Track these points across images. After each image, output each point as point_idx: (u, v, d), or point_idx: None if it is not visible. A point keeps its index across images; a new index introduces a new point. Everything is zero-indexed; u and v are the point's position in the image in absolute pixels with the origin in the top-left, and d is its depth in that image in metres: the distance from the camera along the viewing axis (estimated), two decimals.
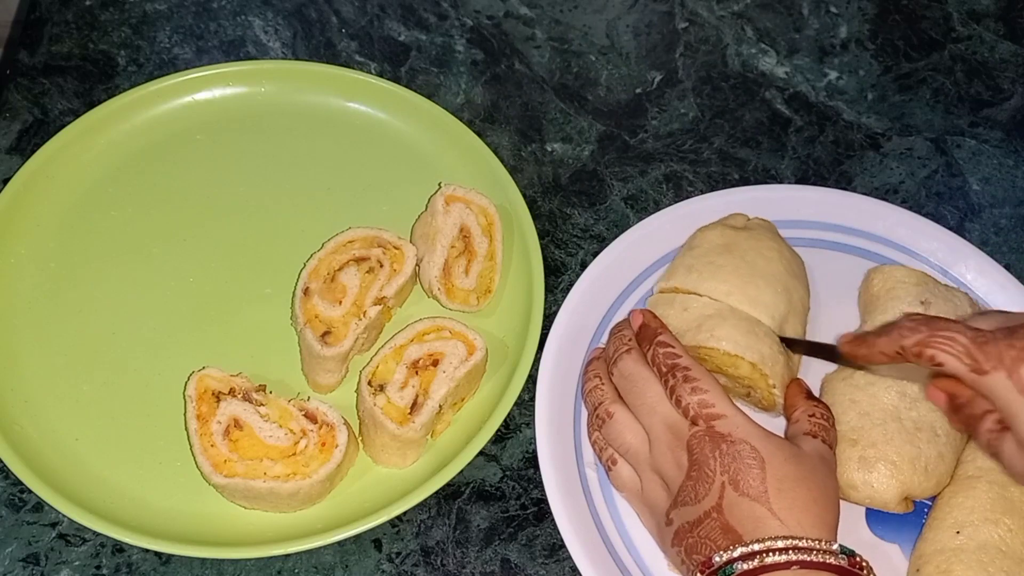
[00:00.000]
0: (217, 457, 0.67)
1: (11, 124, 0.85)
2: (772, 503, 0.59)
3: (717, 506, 0.60)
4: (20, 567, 0.68)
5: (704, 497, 0.61)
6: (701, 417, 0.63)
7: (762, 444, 0.61)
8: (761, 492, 0.60)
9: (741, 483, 0.60)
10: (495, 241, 0.78)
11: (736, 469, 0.60)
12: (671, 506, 0.63)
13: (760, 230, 0.76)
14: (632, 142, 0.88)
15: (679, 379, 0.64)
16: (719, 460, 0.61)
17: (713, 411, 0.63)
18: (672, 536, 0.62)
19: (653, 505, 0.65)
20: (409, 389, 0.70)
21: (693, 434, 0.62)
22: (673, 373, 0.65)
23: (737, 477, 0.60)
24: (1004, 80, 0.93)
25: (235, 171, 0.84)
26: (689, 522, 0.61)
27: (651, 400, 0.65)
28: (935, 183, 0.87)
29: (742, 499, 0.60)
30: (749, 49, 0.93)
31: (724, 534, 0.59)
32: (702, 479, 0.61)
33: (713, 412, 0.63)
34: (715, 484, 0.60)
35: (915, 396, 0.70)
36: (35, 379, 0.74)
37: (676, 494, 0.62)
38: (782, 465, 0.61)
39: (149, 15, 0.92)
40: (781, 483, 0.60)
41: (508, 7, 0.95)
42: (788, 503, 0.59)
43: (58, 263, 0.79)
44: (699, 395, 0.63)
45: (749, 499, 0.60)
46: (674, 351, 0.66)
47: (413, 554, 0.69)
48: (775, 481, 0.60)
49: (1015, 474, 0.59)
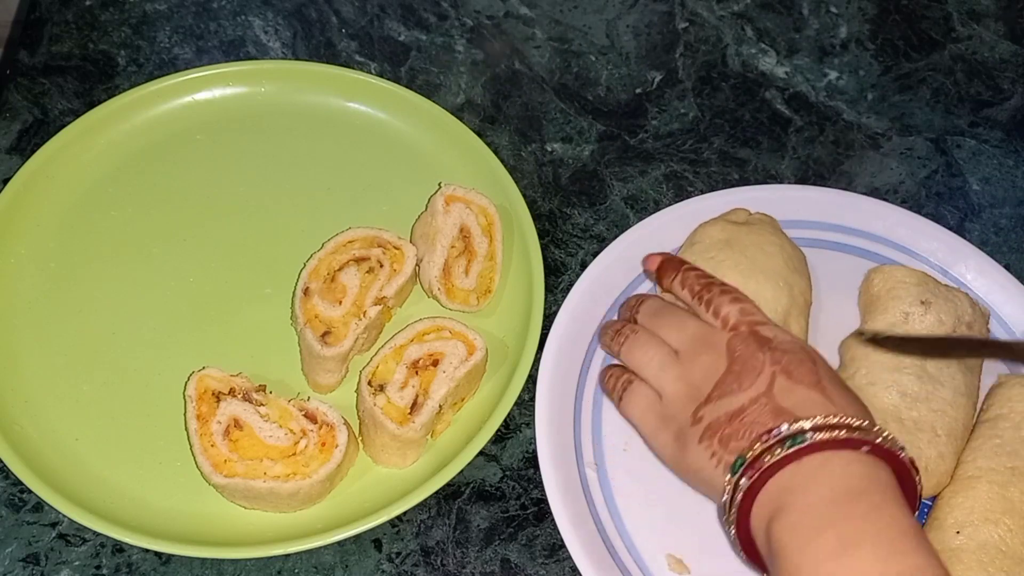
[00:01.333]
0: (217, 457, 0.67)
1: (11, 124, 0.85)
2: (828, 392, 0.58)
3: (767, 391, 0.59)
4: (20, 567, 0.68)
5: (750, 386, 0.59)
6: (744, 323, 0.62)
7: (807, 346, 0.62)
8: (815, 382, 0.59)
9: (794, 373, 0.59)
10: (495, 241, 0.78)
11: (788, 361, 0.60)
12: (702, 404, 0.61)
13: (761, 225, 0.76)
14: (632, 142, 0.88)
15: (716, 292, 0.64)
16: (768, 354, 0.60)
17: (756, 318, 0.63)
18: (700, 433, 0.60)
19: (676, 411, 0.63)
20: (409, 389, 0.70)
21: (734, 335, 0.62)
22: (709, 288, 0.65)
23: (790, 368, 0.59)
24: (1004, 80, 0.93)
25: (235, 171, 0.84)
26: (728, 412, 0.59)
27: (680, 318, 0.65)
28: (935, 183, 0.87)
29: (797, 386, 0.58)
30: (749, 49, 0.93)
31: (775, 416, 0.57)
32: (747, 371, 0.60)
33: (756, 319, 0.63)
34: (764, 373, 0.59)
35: (915, 396, 0.70)
36: (35, 379, 0.74)
37: (712, 391, 0.61)
38: (829, 367, 0.61)
39: (149, 15, 0.92)
40: (833, 379, 0.60)
41: (508, 7, 0.95)
42: (846, 397, 0.59)
43: (58, 263, 0.79)
44: (740, 303, 0.63)
45: (805, 386, 0.58)
46: (703, 273, 0.67)
47: (413, 554, 0.69)
48: (827, 376, 0.59)
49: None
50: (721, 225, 0.77)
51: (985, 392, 0.74)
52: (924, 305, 0.73)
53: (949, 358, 0.71)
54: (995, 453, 0.68)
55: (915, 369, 0.71)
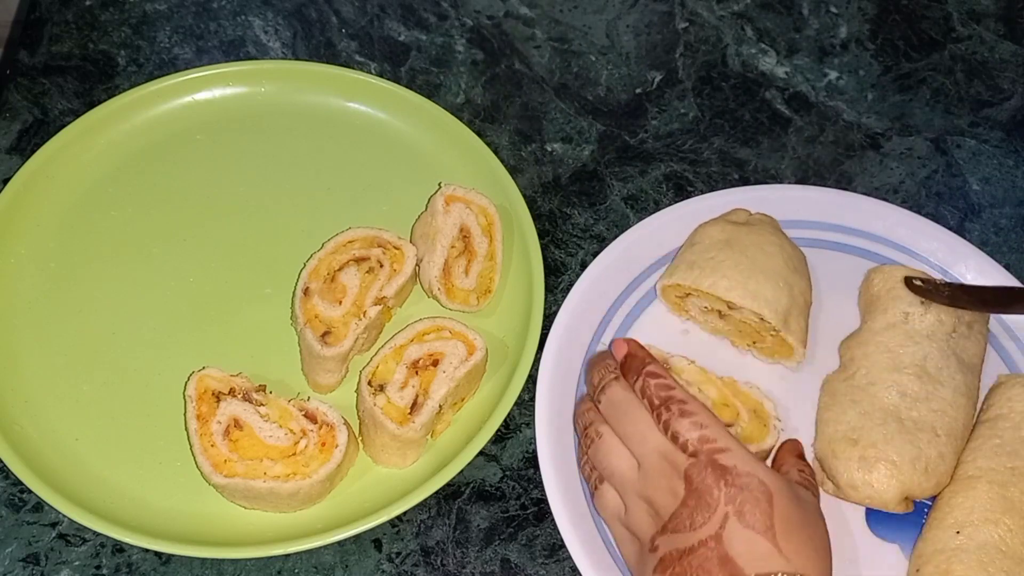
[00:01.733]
0: (217, 457, 0.67)
1: (11, 124, 0.85)
2: (779, 541, 0.57)
3: (716, 536, 0.57)
4: (20, 567, 0.68)
5: (702, 525, 0.58)
6: (702, 452, 0.60)
7: (769, 479, 0.59)
8: (767, 527, 0.57)
9: (747, 515, 0.57)
10: (495, 241, 0.78)
11: (743, 500, 0.58)
12: (659, 532, 0.60)
13: (762, 225, 0.77)
14: (632, 142, 0.88)
15: (675, 412, 0.61)
16: (724, 491, 0.58)
17: (716, 446, 0.60)
18: (656, 563, 0.59)
19: (637, 530, 0.62)
20: (409, 389, 0.70)
21: (693, 463, 0.60)
22: (667, 406, 0.62)
23: (743, 508, 0.57)
24: (1004, 80, 0.93)
25: (235, 171, 0.84)
26: (679, 549, 0.58)
27: (642, 428, 0.63)
28: (935, 183, 0.87)
29: (746, 531, 0.57)
30: (749, 49, 0.93)
31: (721, 565, 0.56)
32: (702, 507, 0.58)
33: (716, 447, 0.60)
34: (717, 514, 0.58)
35: (915, 396, 0.70)
36: (35, 379, 0.74)
37: (668, 520, 0.60)
38: (788, 504, 0.58)
39: (149, 15, 0.92)
40: (788, 523, 0.58)
41: (508, 7, 0.95)
42: (796, 545, 0.57)
43: (58, 263, 0.79)
44: (700, 431, 0.60)
45: (754, 532, 0.57)
46: (666, 382, 0.64)
47: (413, 554, 0.69)
48: (782, 520, 0.57)
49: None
50: (721, 225, 0.77)
51: (985, 392, 0.74)
52: (924, 305, 0.73)
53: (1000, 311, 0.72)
54: (995, 453, 0.68)
55: (915, 369, 0.71)
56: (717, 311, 0.75)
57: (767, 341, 0.74)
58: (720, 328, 0.76)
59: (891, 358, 0.71)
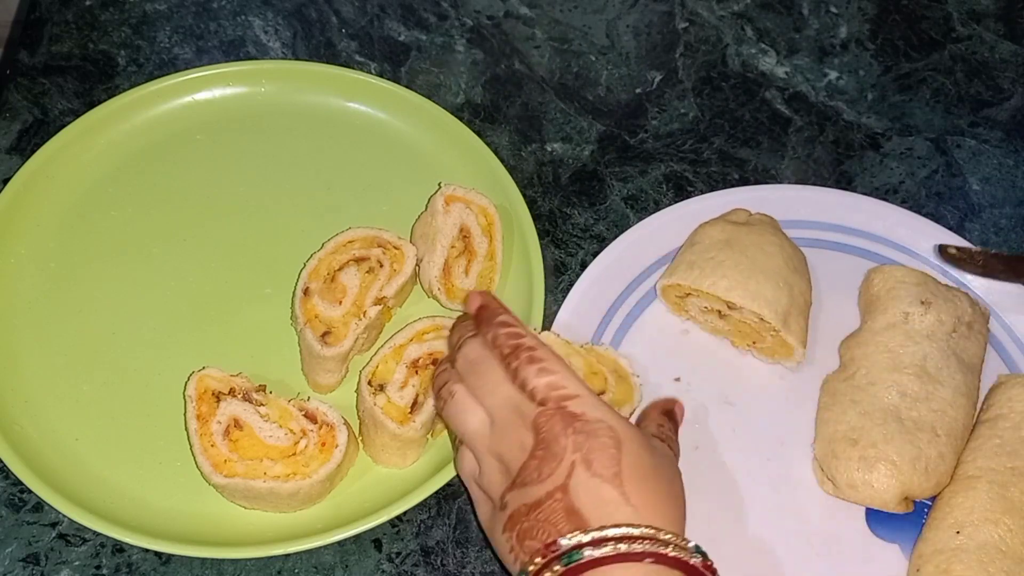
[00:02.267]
0: (217, 457, 0.67)
1: (11, 124, 0.85)
2: (626, 488, 0.54)
3: (563, 486, 0.54)
4: (20, 567, 0.68)
5: (549, 476, 0.55)
6: (551, 399, 0.57)
7: (620, 426, 0.56)
8: (615, 474, 0.54)
9: (594, 462, 0.55)
10: (495, 241, 0.78)
11: (590, 448, 0.55)
12: (508, 488, 0.57)
13: (762, 225, 0.77)
14: (632, 142, 0.88)
15: (523, 360, 0.58)
16: (571, 438, 0.55)
17: (564, 392, 0.57)
18: (505, 520, 0.56)
19: (489, 489, 0.59)
20: (409, 388, 0.70)
21: (541, 412, 0.57)
22: (516, 354, 0.59)
23: (590, 456, 0.55)
24: (1004, 80, 0.93)
25: (235, 171, 0.84)
26: (527, 504, 0.55)
27: (493, 380, 0.59)
28: (935, 183, 0.87)
29: (593, 480, 0.54)
30: (749, 49, 0.93)
31: (567, 517, 0.54)
32: (549, 458, 0.55)
33: (565, 393, 0.57)
34: (564, 463, 0.55)
35: (915, 396, 0.70)
36: (35, 379, 0.74)
37: (516, 474, 0.57)
38: (638, 451, 0.56)
39: (149, 15, 0.92)
40: (636, 469, 0.55)
41: (508, 7, 0.95)
42: (644, 495, 0.55)
43: (58, 263, 0.79)
44: (547, 376, 0.57)
45: (601, 480, 0.54)
46: (516, 331, 0.60)
47: (413, 554, 0.69)
48: (630, 467, 0.55)
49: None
50: (721, 225, 0.77)
51: (985, 392, 0.74)
52: (924, 305, 0.73)
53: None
54: (995, 453, 0.69)
55: (915, 369, 0.71)
56: (717, 311, 0.75)
57: (767, 341, 0.74)
58: (720, 328, 0.76)
59: (891, 358, 0.71)
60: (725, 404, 0.74)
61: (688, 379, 0.75)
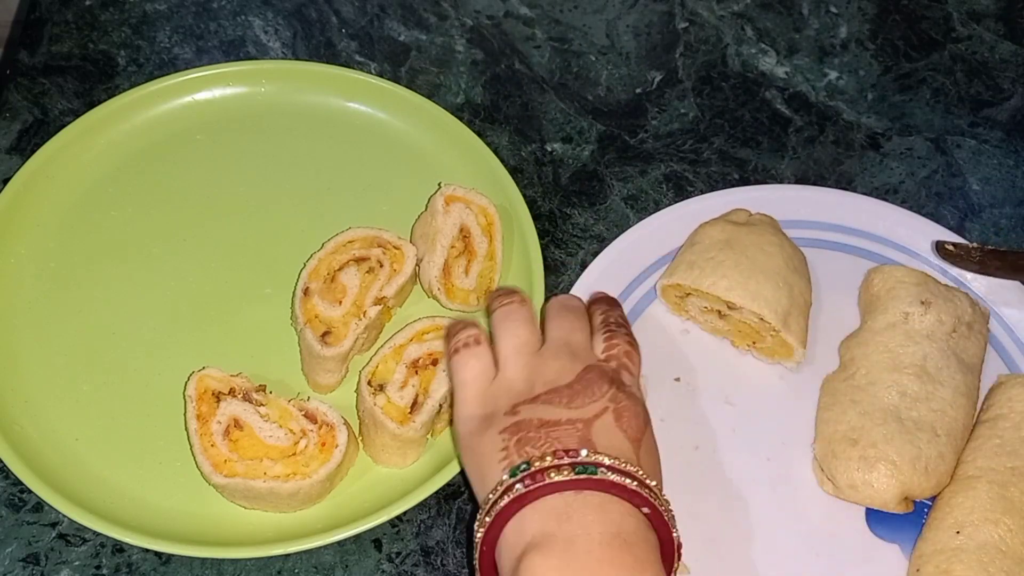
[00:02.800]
0: (217, 457, 0.67)
1: (11, 124, 0.85)
2: (640, 453, 0.58)
3: (588, 421, 0.57)
4: (20, 567, 0.68)
5: (578, 408, 0.58)
6: (616, 361, 0.62)
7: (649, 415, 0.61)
8: (636, 438, 0.58)
9: (624, 419, 0.58)
10: (495, 241, 0.78)
11: (625, 407, 0.59)
12: (528, 400, 0.59)
13: (762, 226, 0.77)
14: (632, 142, 0.88)
15: (623, 332, 0.64)
16: (612, 391, 0.59)
17: (630, 367, 0.62)
18: (507, 425, 0.58)
19: (500, 394, 0.61)
20: (409, 388, 0.70)
21: (601, 364, 0.61)
22: (621, 326, 0.65)
23: (623, 413, 0.58)
24: (1004, 80, 0.93)
25: (235, 171, 0.84)
26: (543, 420, 0.57)
27: (573, 323, 0.64)
28: (935, 183, 0.87)
29: (617, 431, 0.57)
30: (749, 49, 0.93)
31: (581, 444, 0.56)
32: (586, 393, 0.59)
33: (629, 367, 0.62)
34: (597, 404, 0.58)
35: (915, 396, 0.70)
36: (35, 379, 0.74)
37: (543, 392, 0.59)
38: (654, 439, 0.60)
39: (149, 15, 0.92)
40: (650, 447, 0.59)
41: (508, 7, 0.95)
42: (655, 465, 0.59)
43: (58, 263, 0.79)
44: (633, 351, 0.63)
45: (624, 435, 0.57)
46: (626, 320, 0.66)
47: (413, 554, 0.69)
48: (648, 441, 0.59)
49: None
50: (721, 225, 0.77)
51: (985, 392, 0.74)
52: (924, 305, 0.73)
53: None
54: (995, 453, 0.69)
55: (915, 369, 0.71)
56: (717, 311, 0.75)
57: (767, 341, 0.74)
58: (720, 328, 0.76)
59: (891, 358, 0.71)
60: (725, 404, 0.74)
61: (688, 379, 0.75)
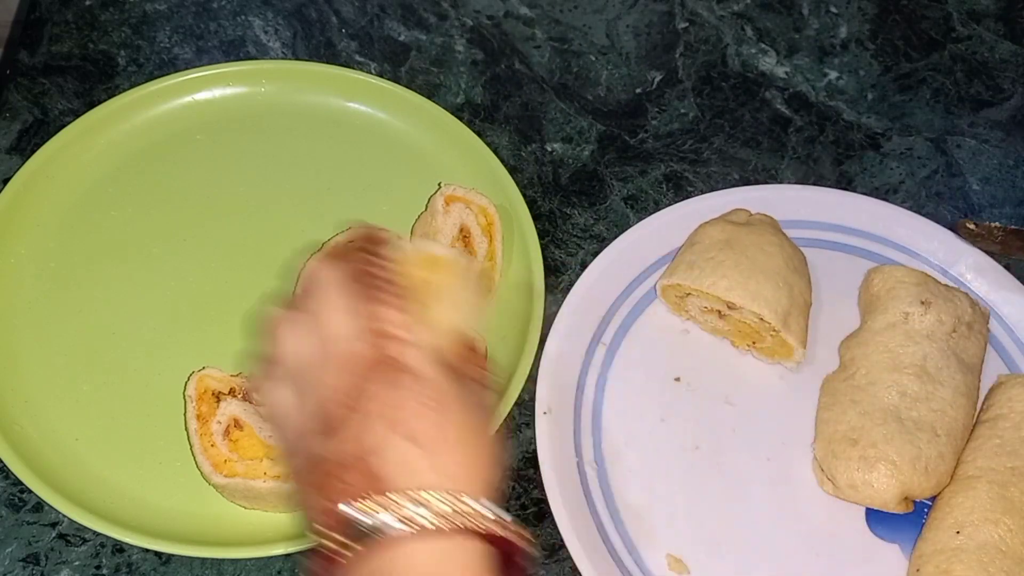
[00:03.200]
0: (217, 457, 0.67)
1: (11, 124, 0.85)
2: (444, 452, 0.49)
3: (372, 448, 0.48)
4: (20, 567, 0.68)
5: (355, 433, 0.49)
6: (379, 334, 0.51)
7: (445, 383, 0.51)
8: (433, 437, 0.49)
9: (408, 424, 0.49)
10: (495, 241, 0.78)
11: (405, 407, 0.49)
12: (313, 432, 0.51)
13: (762, 226, 0.77)
14: (632, 142, 0.88)
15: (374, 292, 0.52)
16: (390, 392, 0.50)
17: (402, 334, 0.51)
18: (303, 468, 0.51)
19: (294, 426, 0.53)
20: None
21: (372, 359, 0.51)
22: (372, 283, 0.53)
23: (401, 416, 0.49)
24: (1004, 80, 0.93)
25: (235, 171, 0.84)
26: (327, 455, 0.49)
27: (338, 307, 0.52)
28: (935, 183, 0.87)
29: (403, 442, 0.48)
30: (749, 49, 0.93)
31: (366, 479, 0.48)
32: (361, 415, 0.49)
33: (400, 336, 0.51)
34: (376, 419, 0.49)
35: (915, 396, 0.70)
36: (35, 379, 0.74)
37: (325, 421, 0.50)
38: (459, 411, 0.51)
39: (149, 15, 0.92)
40: (463, 434, 0.50)
41: (508, 7, 0.95)
42: (456, 458, 0.49)
43: (58, 263, 0.79)
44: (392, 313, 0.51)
45: (411, 445, 0.48)
46: (376, 260, 0.54)
47: None
48: (455, 425, 0.50)
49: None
50: (721, 225, 0.77)
51: (985, 392, 0.74)
52: (924, 305, 0.73)
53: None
54: (995, 453, 0.69)
55: (915, 369, 0.71)
56: (717, 311, 0.75)
57: (767, 341, 0.74)
58: (720, 328, 0.76)
59: (891, 358, 0.71)
60: (725, 404, 0.74)
61: (688, 379, 0.75)
